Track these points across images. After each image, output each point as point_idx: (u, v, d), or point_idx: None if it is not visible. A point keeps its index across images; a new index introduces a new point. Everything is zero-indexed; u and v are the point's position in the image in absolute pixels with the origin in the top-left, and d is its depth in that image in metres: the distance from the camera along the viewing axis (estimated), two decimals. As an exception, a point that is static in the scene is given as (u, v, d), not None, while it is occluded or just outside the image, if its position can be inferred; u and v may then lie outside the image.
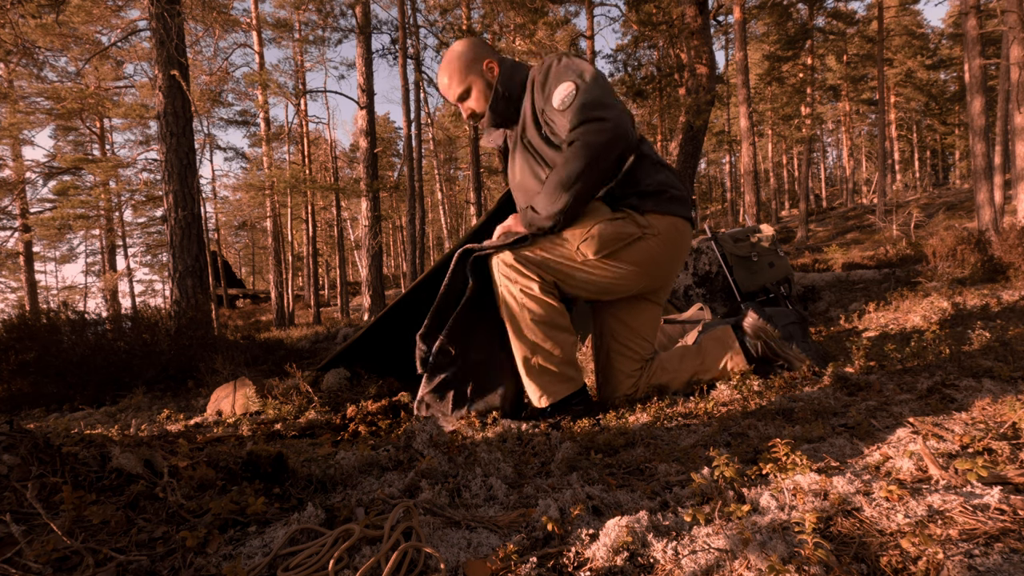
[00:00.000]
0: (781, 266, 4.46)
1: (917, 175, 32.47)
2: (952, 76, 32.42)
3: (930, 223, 17.68)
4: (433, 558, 0.85)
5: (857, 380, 1.75)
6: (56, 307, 4.67)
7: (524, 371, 1.83)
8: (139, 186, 18.33)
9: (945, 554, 0.74)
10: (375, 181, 11.31)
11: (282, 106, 22.07)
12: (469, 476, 1.20)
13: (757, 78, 24.68)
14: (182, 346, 4.53)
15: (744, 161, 15.24)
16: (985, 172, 9.54)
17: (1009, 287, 4.45)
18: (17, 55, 10.03)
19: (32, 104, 14.83)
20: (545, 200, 1.76)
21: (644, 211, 1.86)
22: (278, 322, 15.78)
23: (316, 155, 24.41)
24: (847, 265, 9.07)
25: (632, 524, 0.88)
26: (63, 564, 0.86)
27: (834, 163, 46.80)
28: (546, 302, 1.81)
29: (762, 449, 1.23)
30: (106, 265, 20.64)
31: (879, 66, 20.45)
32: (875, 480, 0.99)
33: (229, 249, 39.86)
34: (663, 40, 11.15)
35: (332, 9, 12.83)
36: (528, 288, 1.80)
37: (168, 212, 5.99)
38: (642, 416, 1.78)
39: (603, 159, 1.72)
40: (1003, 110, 11.22)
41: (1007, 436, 1.14)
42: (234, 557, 0.90)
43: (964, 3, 9.82)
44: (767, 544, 0.80)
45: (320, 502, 1.06)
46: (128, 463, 1.12)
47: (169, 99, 5.99)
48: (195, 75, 13.42)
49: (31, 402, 3.83)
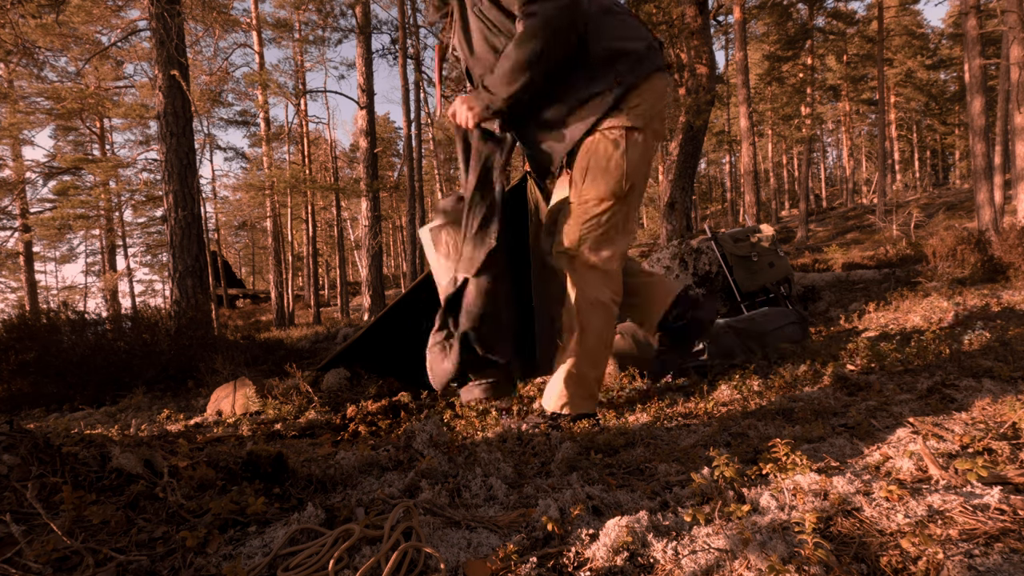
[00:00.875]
0: (781, 266, 4.46)
1: (917, 175, 32.48)
2: (952, 76, 32.43)
3: (930, 223, 17.68)
4: (433, 558, 0.85)
5: (857, 380, 1.75)
6: (56, 307, 4.67)
7: (565, 376, 1.76)
8: (139, 186, 18.33)
9: (945, 554, 0.74)
10: (375, 181, 11.31)
11: (282, 106, 22.09)
12: (469, 476, 1.19)
13: (757, 78, 24.69)
14: (182, 346, 4.53)
15: (744, 161, 15.25)
16: (985, 172, 9.54)
17: (1009, 287, 4.45)
18: (17, 55, 10.03)
19: (32, 104, 14.84)
20: (500, 81, 1.62)
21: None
22: (278, 322, 15.77)
23: (316, 155, 24.42)
24: (847, 265, 9.07)
25: (632, 524, 0.88)
26: (63, 564, 0.86)
27: (834, 163, 46.82)
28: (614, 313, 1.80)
29: (762, 449, 1.23)
30: (106, 265, 20.65)
31: (879, 66, 20.45)
32: (875, 480, 0.99)
33: (229, 249, 39.86)
34: (663, 40, 11.14)
35: (332, 9, 12.84)
36: (614, 298, 1.78)
37: (168, 212, 5.99)
38: (642, 416, 1.78)
39: (563, 37, 1.59)
40: (1003, 110, 11.22)
41: (1007, 436, 1.14)
42: (234, 557, 0.90)
43: (964, 3, 9.82)
44: (767, 544, 0.80)
45: (320, 502, 1.06)
46: (128, 463, 1.12)
47: (169, 99, 5.99)
48: (195, 75, 13.43)
49: (31, 402, 3.83)
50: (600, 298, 1.74)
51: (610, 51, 1.68)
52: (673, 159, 8.31)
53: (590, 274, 1.74)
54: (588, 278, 1.74)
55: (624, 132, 1.66)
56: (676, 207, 8.24)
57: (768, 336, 2.73)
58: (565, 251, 1.75)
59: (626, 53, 1.68)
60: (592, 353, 1.76)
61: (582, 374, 1.76)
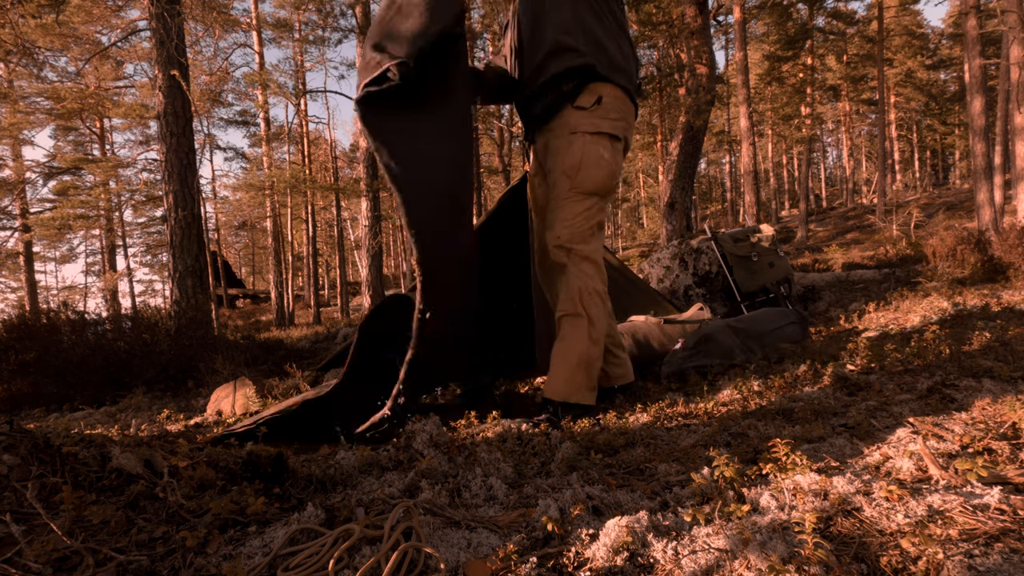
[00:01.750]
0: (781, 266, 4.47)
1: (917, 175, 32.46)
2: (952, 76, 32.41)
3: (930, 223, 17.67)
4: (433, 558, 0.85)
5: (857, 380, 1.75)
6: (56, 307, 4.66)
7: (575, 363, 1.83)
8: (139, 186, 18.31)
9: (945, 554, 0.74)
10: (375, 181, 11.30)
11: (282, 106, 22.08)
12: (469, 476, 1.19)
13: (757, 78, 24.66)
14: (182, 346, 4.53)
15: (744, 161, 15.24)
16: (985, 172, 9.54)
17: (1009, 287, 4.44)
18: (17, 55, 10.02)
19: (32, 104, 14.82)
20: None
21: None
22: (278, 322, 15.77)
23: (316, 155, 24.40)
24: (847, 265, 9.07)
25: (632, 524, 0.88)
26: (63, 564, 0.86)
27: (834, 163, 46.80)
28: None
29: (762, 449, 1.23)
30: (106, 265, 20.63)
31: (879, 66, 20.44)
32: (875, 480, 0.99)
33: (229, 249, 39.83)
34: (663, 40, 11.15)
35: (332, 9, 12.84)
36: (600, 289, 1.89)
37: (168, 212, 5.99)
38: (642, 416, 1.78)
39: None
40: (1003, 110, 11.21)
41: (1007, 436, 1.14)
42: (234, 557, 0.90)
43: (964, 3, 9.82)
44: (767, 544, 0.80)
45: (320, 502, 1.06)
46: (128, 463, 1.12)
47: (169, 99, 5.98)
48: (195, 75, 13.42)
49: (31, 402, 3.83)
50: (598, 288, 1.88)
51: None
52: (673, 159, 8.31)
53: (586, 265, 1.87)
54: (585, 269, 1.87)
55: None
56: (676, 207, 8.24)
57: (768, 336, 2.73)
58: (561, 244, 1.87)
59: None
60: (599, 342, 1.84)
61: (591, 361, 1.82)
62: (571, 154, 1.83)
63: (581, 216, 1.85)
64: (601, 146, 1.84)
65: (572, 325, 1.83)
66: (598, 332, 1.83)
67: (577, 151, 1.83)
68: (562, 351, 1.84)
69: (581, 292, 1.82)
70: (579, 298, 1.82)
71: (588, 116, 1.84)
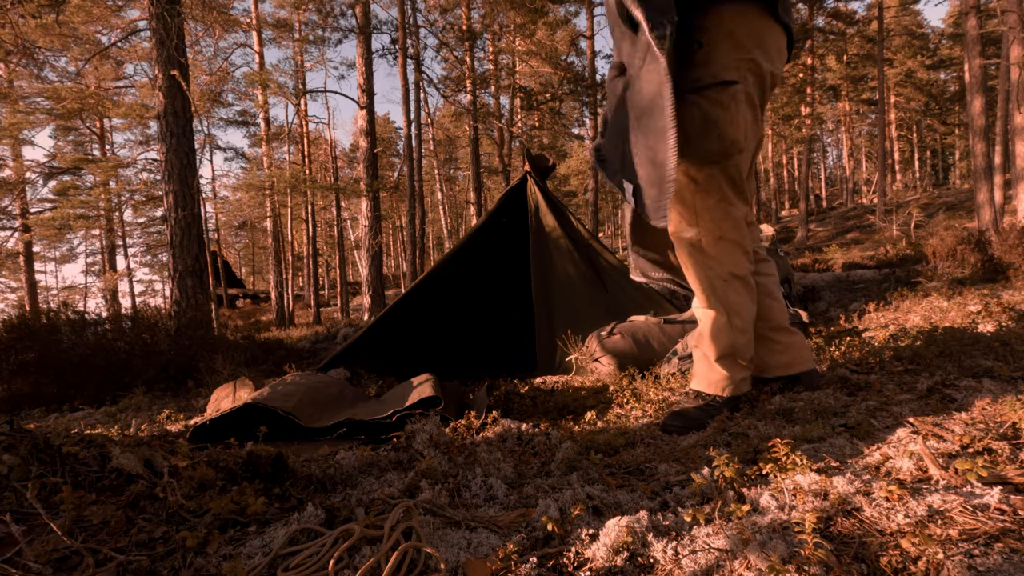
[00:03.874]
0: (781, 266, 4.46)
1: (917, 175, 32.46)
2: (952, 76, 32.40)
3: (930, 223, 17.67)
4: (433, 558, 0.85)
5: (857, 380, 1.75)
6: (56, 307, 4.66)
7: (717, 357, 1.67)
8: (139, 186, 18.31)
9: (945, 554, 0.74)
10: (375, 181, 11.30)
11: (282, 106, 22.07)
12: (469, 476, 1.19)
13: (757, 78, 24.61)
14: (182, 346, 4.53)
15: (744, 161, 15.19)
16: (985, 172, 9.54)
17: (1009, 287, 4.44)
18: (17, 55, 10.03)
19: (32, 104, 14.81)
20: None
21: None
22: (278, 322, 15.77)
23: (316, 155, 24.40)
24: (847, 265, 9.07)
25: (632, 524, 0.87)
26: (63, 564, 0.86)
27: (834, 163, 46.81)
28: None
29: (762, 449, 1.23)
30: (106, 265, 20.64)
31: (879, 66, 20.45)
32: (875, 480, 0.99)
33: (229, 249, 39.84)
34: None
35: (332, 9, 12.83)
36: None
37: (168, 212, 5.99)
38: (642, 416, 1.78)
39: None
40: (1003, 110, 11.22)
41: (1007, 436, 1.14)
42: (234, 557, 0.90)
43: (964, 3, 9.82)
44: (767, 544, 0.80)
45: (320, 502, 1.06)
46: (128, 463, 1.12)
47: (169, 99, 5.98)
48: (195, 75, 13.42)
49: (31, 402, 3.83)
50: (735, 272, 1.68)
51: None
52: (673, 159, 8.29)
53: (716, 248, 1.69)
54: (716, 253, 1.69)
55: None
56: (676, 207, 8.22)
57: (768, 336, 2.73)
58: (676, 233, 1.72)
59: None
60: (742, 330, 1.67)
61: (737, 351, 1.68)
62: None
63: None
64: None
65: (709, 322, 1.69)
66: (738, 322, 1.66)
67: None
68: (703, 345, 1.72)
69: (713, 284, 1.68)
70: (712, 292, 1.68)
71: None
